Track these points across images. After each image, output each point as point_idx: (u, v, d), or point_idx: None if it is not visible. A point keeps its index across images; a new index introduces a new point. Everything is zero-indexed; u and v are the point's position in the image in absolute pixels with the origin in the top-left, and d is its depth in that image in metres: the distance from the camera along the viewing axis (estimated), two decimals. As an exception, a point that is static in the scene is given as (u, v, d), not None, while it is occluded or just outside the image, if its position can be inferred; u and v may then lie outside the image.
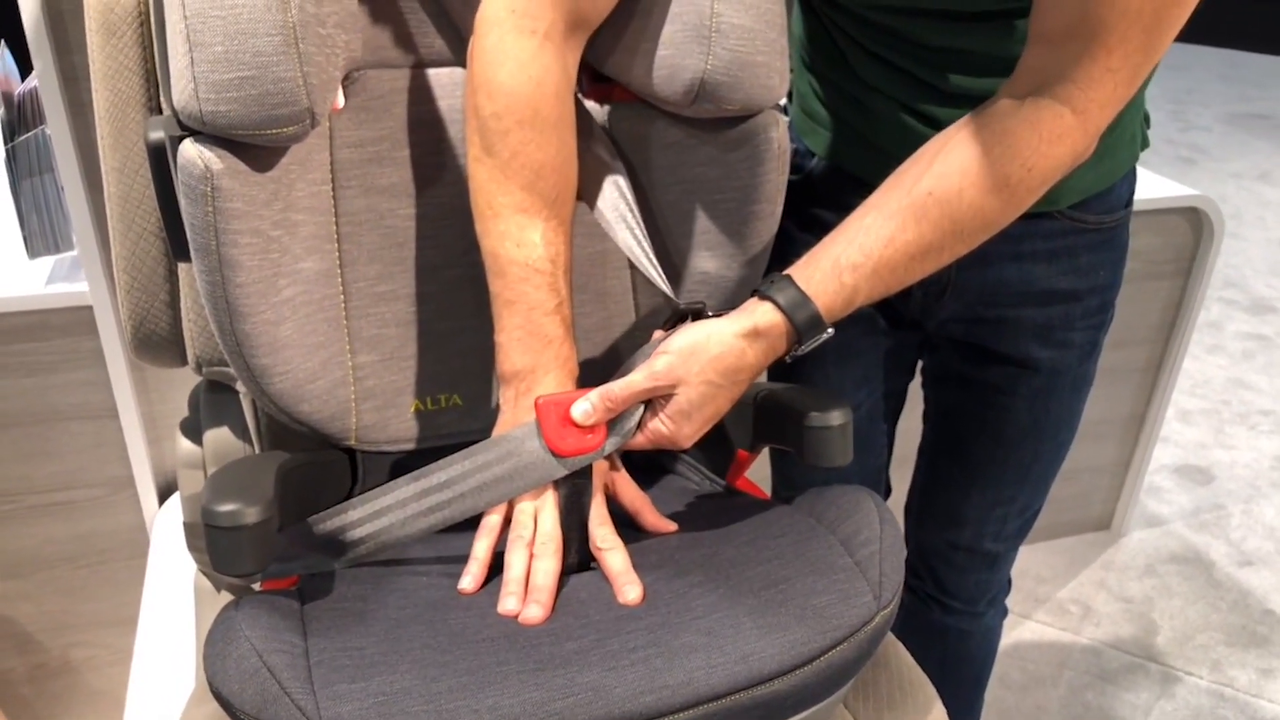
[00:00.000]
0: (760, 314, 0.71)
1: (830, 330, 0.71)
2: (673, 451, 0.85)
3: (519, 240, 0.73)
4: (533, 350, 0.74)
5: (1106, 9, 0.64)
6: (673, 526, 0.78)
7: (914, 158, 0.72)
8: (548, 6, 0.72)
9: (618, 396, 0.72)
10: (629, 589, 0.69)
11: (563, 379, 0.75)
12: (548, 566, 0.70)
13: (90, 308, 1.21)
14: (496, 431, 0.76)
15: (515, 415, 0.75)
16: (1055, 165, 0.69)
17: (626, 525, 0.80)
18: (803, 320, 0.70)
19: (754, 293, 0.72)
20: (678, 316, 0.76)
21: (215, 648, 0.62)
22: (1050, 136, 0.68)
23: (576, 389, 0.74)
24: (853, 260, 0.70)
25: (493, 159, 0.73)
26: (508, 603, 0.68)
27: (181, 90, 0.67)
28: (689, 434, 0.73)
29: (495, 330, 0.75)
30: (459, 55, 0.83)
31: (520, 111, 0.72)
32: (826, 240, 0.72)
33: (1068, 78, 0.67)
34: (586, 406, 0.72)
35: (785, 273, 0.72)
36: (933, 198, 0.69)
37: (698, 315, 0.75)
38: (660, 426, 0.73)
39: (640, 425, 0.73)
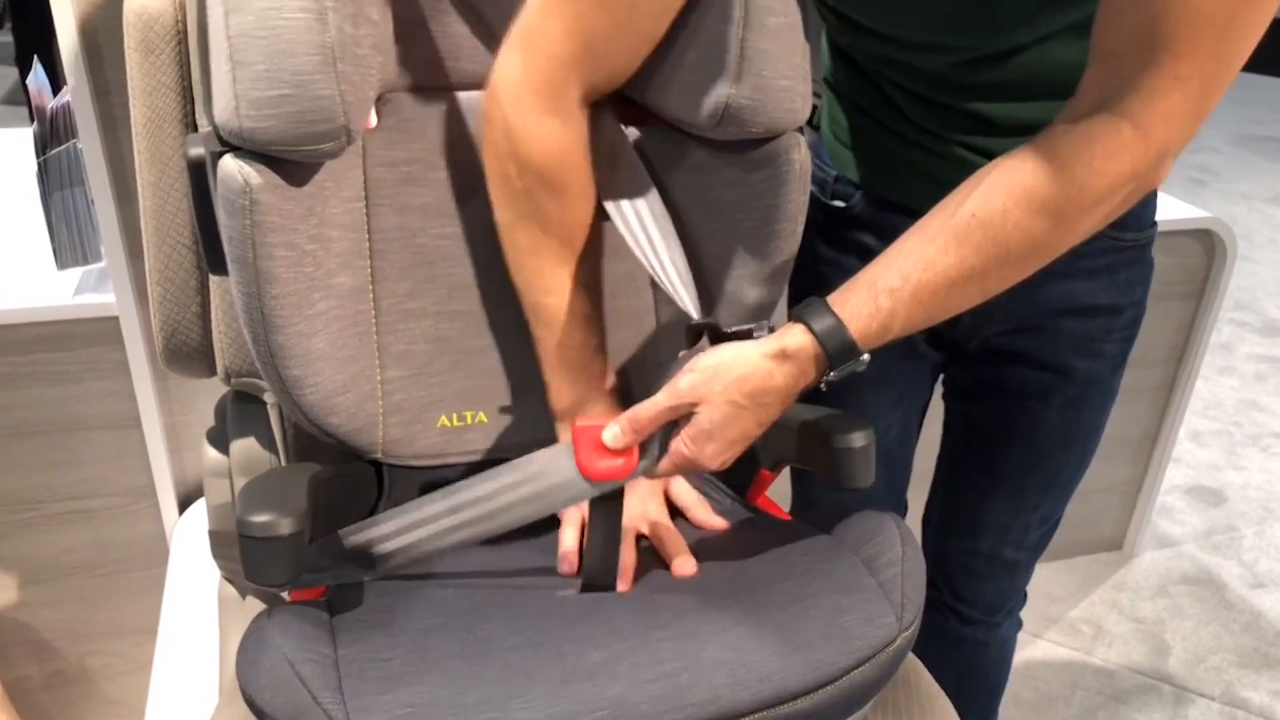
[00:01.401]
0: (790, 336, 0.69)
1: (866, 357, 0.69)
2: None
3: (560, 291, 0.79)
4: (579, 388, 0.81)
5: (1176, 9, 0.60)
6: (722, 523, 0.82)
7: (964, 183, 0.69)
8: (563, 85, 0.76)
9: (643, 418, 0.72)
10: (683, 561, 0.76)
11: (609, 405, 0.81)
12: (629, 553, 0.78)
13: (115, 318, 1.23)
14: None
15: None
16: (1111, 184, 0.65)
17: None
18: (835, 345, 0.68)
19: (790, 317, 0.71)
20: (693, 333, 0.76)
21: (248, 656, 0.63)
22: (1104, 152, 0.64)
23: (606, 416, 0.76)
24: (890, 284, 0.67)
25: (529, 223, 0.78)
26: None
27: (223, 107, 0.69)
28: (711, 455, 0.71)
29: (545, 371, 0.82)
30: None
31: (550, 181, 0.77)
32: (867, 266, 0.70)
33: (1130, 88, 0.63)
34: (616, 430, 0.73)
35: (821, 297, 0.70)
36: (976, 219, 0.66)
37: (714, 331, 0.74)
38: (681, 448, 0.72)
39: (664, 448, 0.73)
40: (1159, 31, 0.62)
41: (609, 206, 0.82)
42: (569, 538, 0.81)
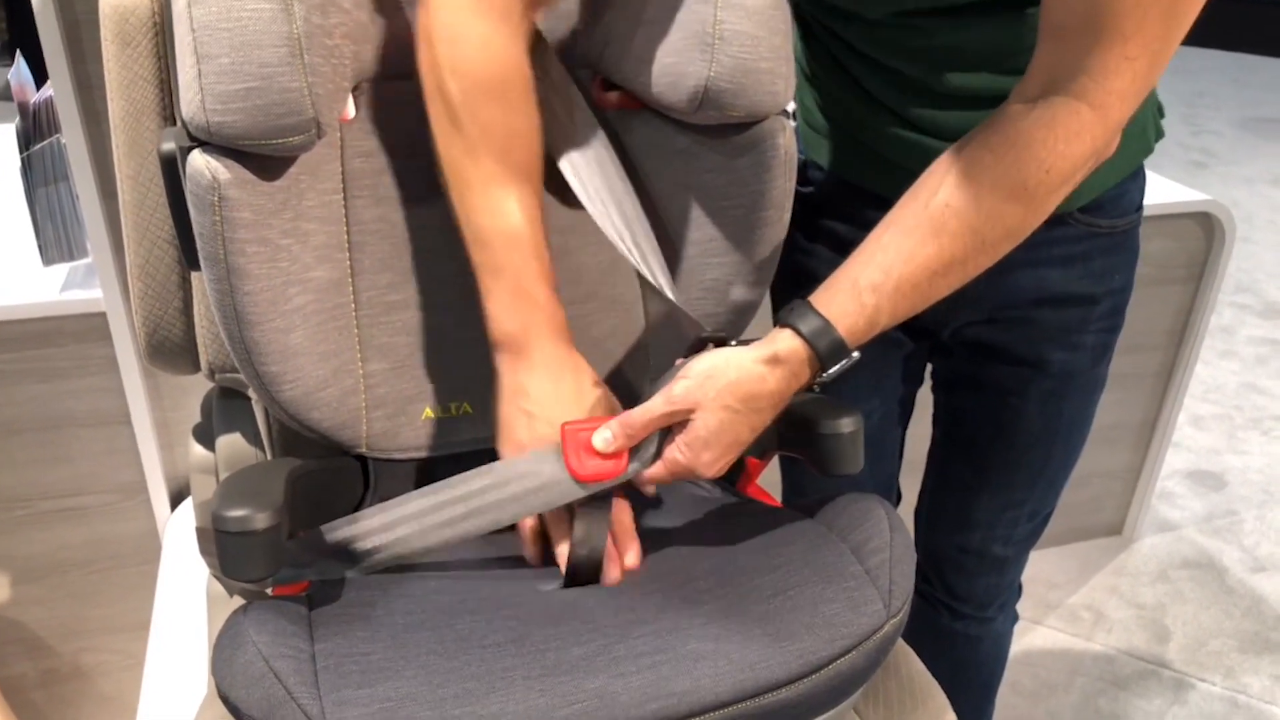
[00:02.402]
0: (781, 341, 0.70)
1: (856, 354, 0.70)
2: None
3: (496, 210, 0.74)
4: (522, 314, 0.75)
5: None
6: (634, 564, 0.77)
7: (929, 171, 0.70)
8: None
9: (636, 423, 0.71)
10: (630, 552, 0.74)
11: (554, 339, 0.76)
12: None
13: (104, 314, 1.22)
14: (499, 403, 0.77)
15: (513, 380, 0.75)
16: (1075, 165, 0.67)
17: (637, 529, 0.80)
18: (824, 346, 0.69)
19: (776, 322, 0.71)
20: (699, 344, 0.76)
21: (223, 653, 0.62)
22: (1067, 135, 0.66)
23: (597, 416, 0.73)
24: (873, 280, 0.68)
25: (463, 136, 0.74)
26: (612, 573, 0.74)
27: (189, 101, 0.68)
28: (708, 462, 0.71)
29: (483, 298, 0.76)
30: None
31: (487, 88, 0.73)
32: (845, 263, 0.70)
33: (1082, 70, 0.65)
34: (607, 435, 0.72)
35: (805, 299, 0.70)
36: (950, 209, 0.67)
37: (720, 344, 0.75)
38: (677, 455, 0.72)
39: (658, 454, 0.73)
40: (1105, 13, 0.63)
41: (580, 194, 0.81)
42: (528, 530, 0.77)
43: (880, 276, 0.68)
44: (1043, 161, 0.66)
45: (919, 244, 0.68)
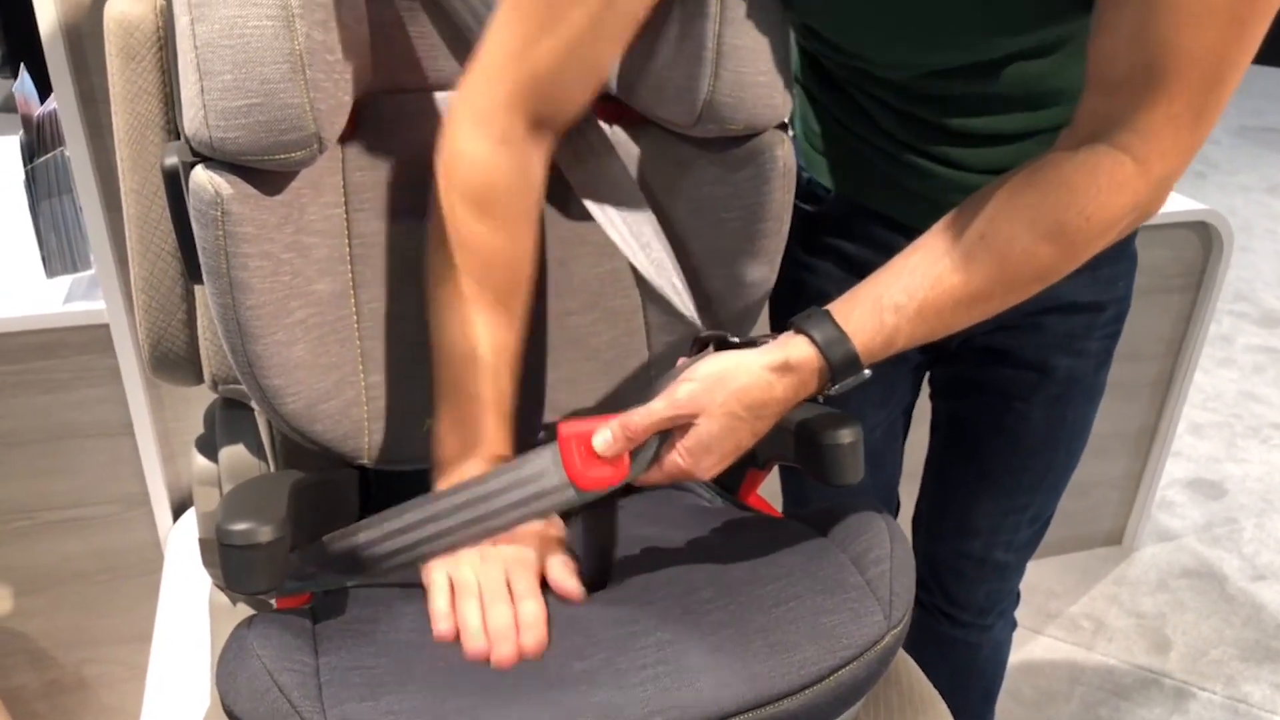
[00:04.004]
0: (793, 348, 0.68)
1: (868, 371, 0.69)
2: None
3: (463, 331, 0.74)
4: (463, 443, 0.75)
5: (1168, 55, 0.62)
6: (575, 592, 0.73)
7: (968, 201, 0.70)
8: (503, 111, 0.73)
9: (637, 425, 0.70)
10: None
11: (488, 469, 0.75)
12: (502, 611, 0.69)
13: (107, 326, 1.23)
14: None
15: None
16: (1116, 215, 0.66)
17: (638, 539, 0.81)
18: (838, 358, 0.68)
19: (788, 326, 0.70)
20: (700, 344, 0.75)
21: (227, 666, 0.63)
22: (1109, 185, 0.65)
23: (597, 416, 0.72)
24: (896, 300, 0.67)
25: (445, 249, 0.74)
26: (475, 645, 0.67)
27: (192, 118, 0.69)
28: (708, 467, 0.70)
29: (435, 414, 0.76)
30: None
31: (476, 204, 0.74)
32: (869, 279, 0.70)
33: (1127, 125, 0.65)
34: (607, 436, 0.70)
35: (824, 308, 0.69)
36: (984, 242, 0.67)
37: (720, 343, 0.73)
38: (677, 459, 0.70)
39: (656, 458, 0.71)
40: (1153, 72, 0.63)
41: (593, 209, 0.81)
42: (441, 602, 0.71)
43: (904, 298, 0.67)
44: (1083, 208, 0.66)
45: (947, 271, 0.67)
